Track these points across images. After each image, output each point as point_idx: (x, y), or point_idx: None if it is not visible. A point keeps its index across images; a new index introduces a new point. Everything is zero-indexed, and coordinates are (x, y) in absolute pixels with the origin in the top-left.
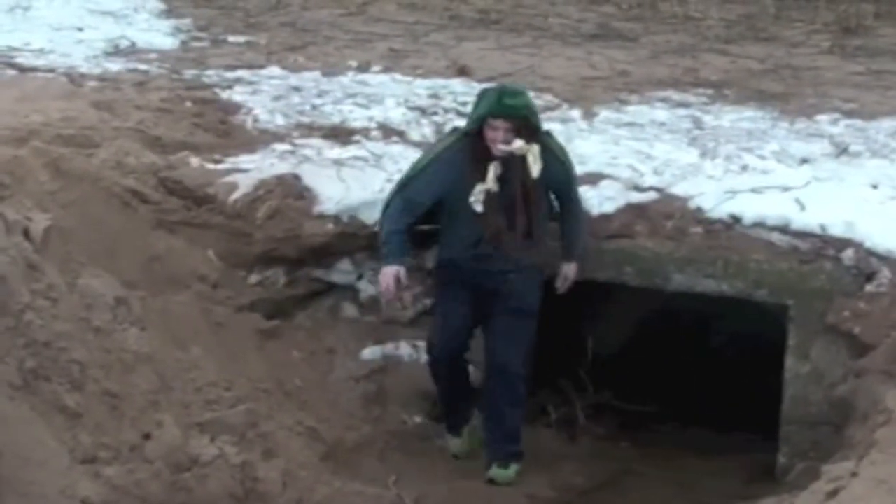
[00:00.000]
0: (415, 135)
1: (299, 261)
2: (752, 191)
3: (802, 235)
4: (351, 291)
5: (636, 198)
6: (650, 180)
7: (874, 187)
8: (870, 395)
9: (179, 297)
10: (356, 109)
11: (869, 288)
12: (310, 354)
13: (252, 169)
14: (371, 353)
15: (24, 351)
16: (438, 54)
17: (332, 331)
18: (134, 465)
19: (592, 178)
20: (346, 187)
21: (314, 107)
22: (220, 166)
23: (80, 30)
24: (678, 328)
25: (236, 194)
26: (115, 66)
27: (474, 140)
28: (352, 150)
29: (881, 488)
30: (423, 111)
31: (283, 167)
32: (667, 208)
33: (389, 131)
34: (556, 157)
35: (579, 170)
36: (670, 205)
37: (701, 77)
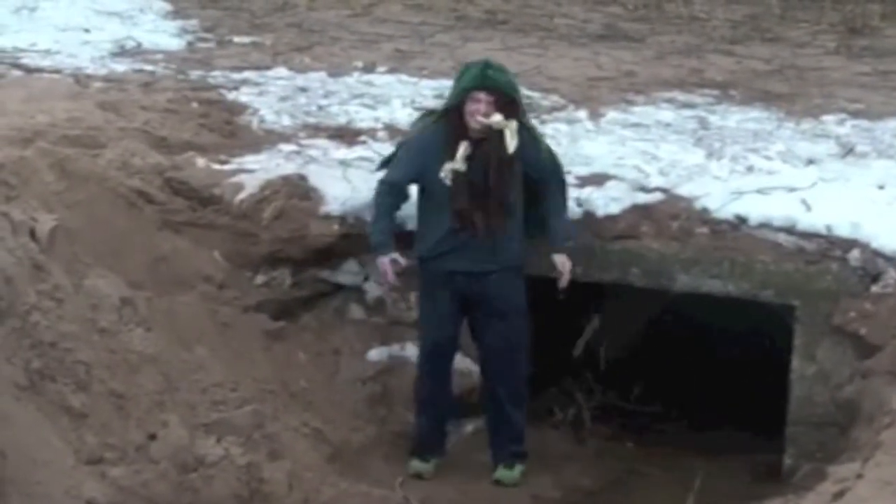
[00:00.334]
0: None
1: (305, 261)
2: (757, 191)
3: (808, 236)
4: (357, 292)
5: (642, 198)
6: (656, 181)
7: (880, 188)
8: (876, 396)
9: (185, 298)
10: (362, 110)
11: (875, 289)
12: (316, 355)
13: (258, 169)
14: (377, 354)
15: (30, 351)
16: (444, 55)
17: (337, 332)
18: (140, 465)
19: (598, 179)
20: (352, 188)
21: (320, 107)
22: (226, 167)
23: (87, 30)
24: (683, 329)
25: (242, 195)
26: (121, 66)
27: (452, 118)
28: (358, 151)
29: (887, 490)
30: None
31: (289, 168)
32: (673, 209)
33: (395, 132)
34: (532, 136)
35: (585, 171)
36: (676, 205)
37: (706, 78)
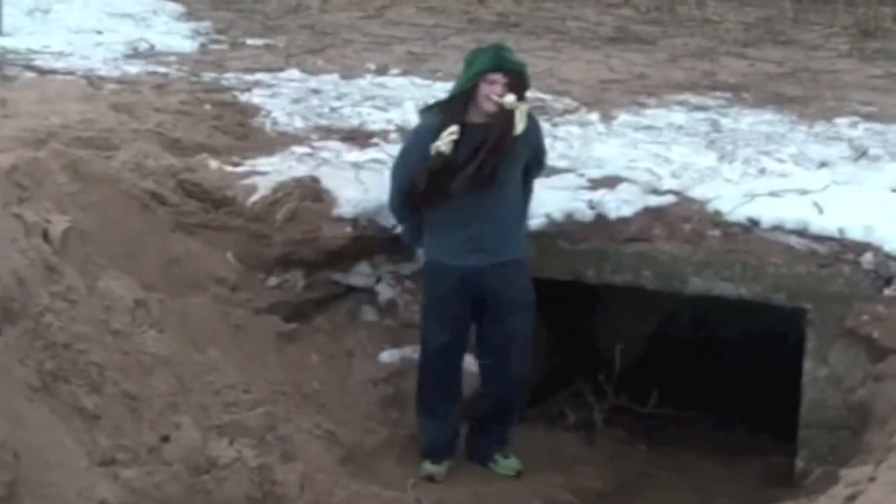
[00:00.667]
0: None
1: (318, 263)
2: (770, 194)
3: (821, 239)
4: (369, 294)
5: (654, 201)
6: (668, 183)
7: (893, 191)
8: (888, 399)
9: (198, 300)
10: (375, 112)
11: (888, 292)
12: (328, 357)
13: (271, 171)
14: (389, 356)
15: (43, 353)
16: (457, 57)
17: (350, 334)
18: (152, 467)
19: (610, 182)
20: (364, 190)
21: (333, 109)
22: (239, 169)
23: (100, 32)
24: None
25: (255, 197)
26: (134, 68)
27: (456, 104)
28: (370, 153)
29: None
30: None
31: (302, 170)
32: (685, 212)
33: (408, 134)
34: (533, 120)
35: (597, 173)
36: (688, 208)
37: (719, 80)
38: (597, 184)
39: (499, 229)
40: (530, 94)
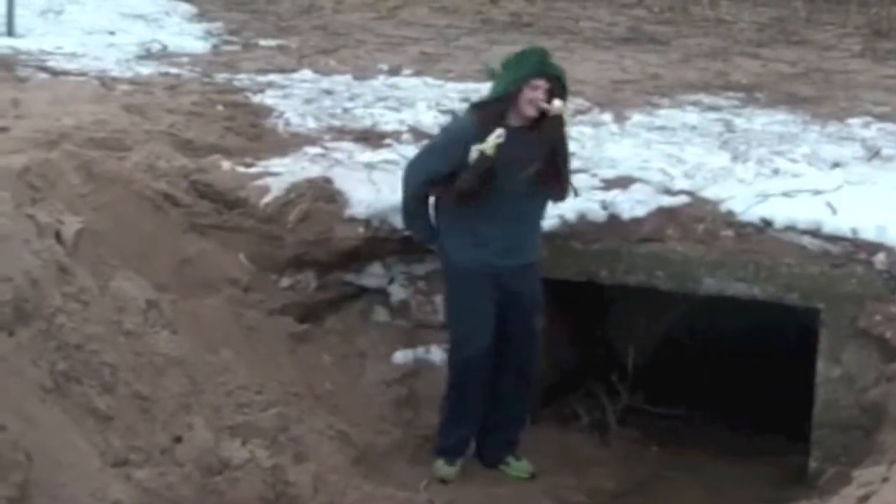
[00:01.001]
0: None
1: (330, 264)
2: (783, 194)
3: (834, 239)
4: (382, 295)
5: (667, 201)
6: (681, 184)
7: None
8: None
9: (210, 301)
10: (387, 113)
11: None
12: (341, 358)
13: (283, 172)
14: (402, 356)
15: (56, 354)
16: (470, 58)
17: (363, 334)
18: (165, 468)
19: (623, 182)
20: (377, 190)
21: (345, 110)
22: (252, 170)
23: (112, 33)
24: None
25: (267, 198)
26: (146, 69)
27: (498, 106)
28: (383, 154)
29: None
30: (454, 114)
31: (315, 170)
32: (698, 212)
33: (420, 135)
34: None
35: (610, 173)
36: (701, 208)
37: (732, 80)
38: (610, 184)
39: (527, 231)
40: None
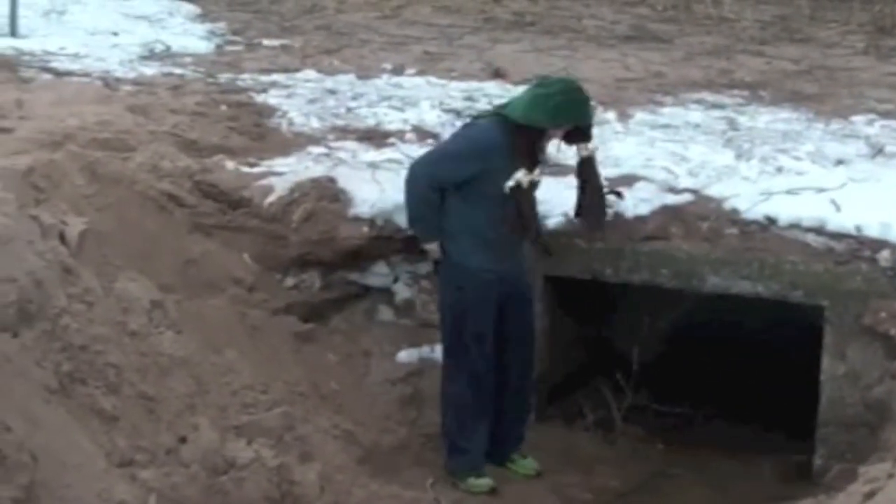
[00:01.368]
0: None
1: (334, 264)
2: (787, 192)
3: (838, 236)
4: (386, 294)
5: (671, 200)
6: (685, 182)
7: None
8: None
9: (215, 301)
10: (391, 112)
11: None
12: (346, 357)
13: (287, 172)
14: (407, 355)
15: (61, 355)
16: (473, 57)
17: (367, 334)
18: (170, 468)
19: (627, 180)
20: (381, 190)
21: (349, 109)
22: (256, 170)
23: (116, 34)
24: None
25: (271, 197)
26: (150, 70)
27: (530, 135)
28: (387, 153)
29: None
30: (457, 114)
31: (318, 170)
32: (702, 210)
33: (424, 134)
34: None
35: (614, 172)
36: (705, 206)
37: (736, 78)
38: (614, 182)
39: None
40: None
